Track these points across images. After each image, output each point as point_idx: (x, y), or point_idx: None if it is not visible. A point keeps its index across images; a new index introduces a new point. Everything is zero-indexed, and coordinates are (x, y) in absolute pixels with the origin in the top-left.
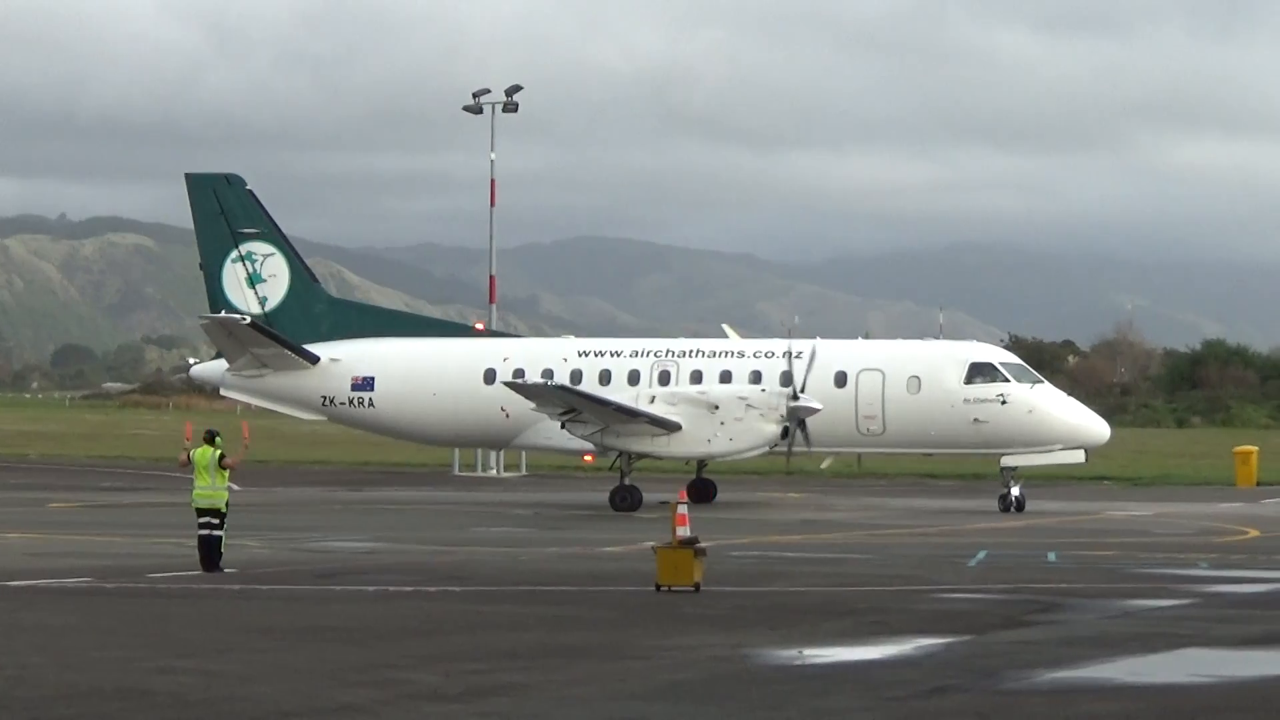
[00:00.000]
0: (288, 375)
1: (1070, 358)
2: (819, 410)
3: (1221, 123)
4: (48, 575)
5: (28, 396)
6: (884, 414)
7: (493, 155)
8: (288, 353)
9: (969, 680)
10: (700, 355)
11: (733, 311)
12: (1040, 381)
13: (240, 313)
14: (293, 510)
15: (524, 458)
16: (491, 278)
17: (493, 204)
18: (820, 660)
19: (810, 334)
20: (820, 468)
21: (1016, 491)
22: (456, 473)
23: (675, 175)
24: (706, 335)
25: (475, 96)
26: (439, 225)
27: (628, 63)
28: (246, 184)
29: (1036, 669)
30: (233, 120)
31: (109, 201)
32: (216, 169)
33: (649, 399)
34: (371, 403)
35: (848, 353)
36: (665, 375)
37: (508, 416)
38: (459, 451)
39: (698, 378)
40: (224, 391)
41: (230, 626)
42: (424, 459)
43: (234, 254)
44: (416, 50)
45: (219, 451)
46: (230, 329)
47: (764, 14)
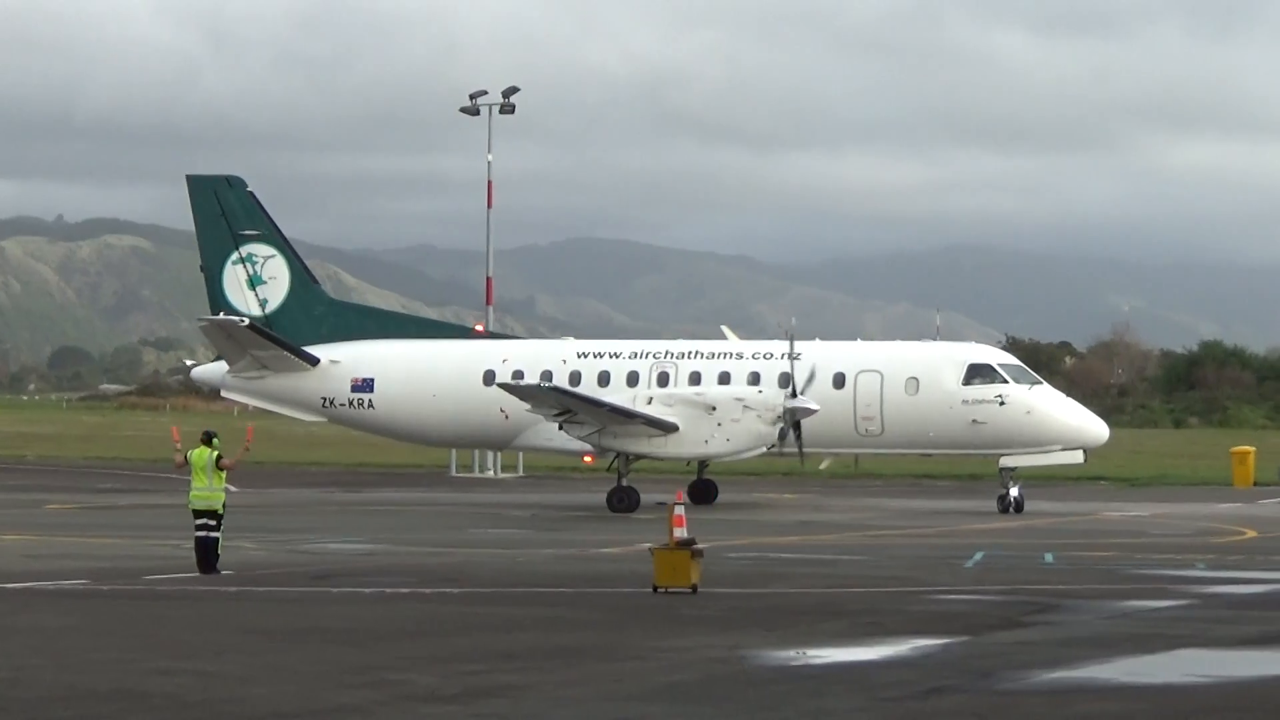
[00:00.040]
0: (288, 377)
1: (1067, 359)
2: (816, 411)
3: (1218, 124)
4: (45, 577)
5: (25, 398)
6: (882, 415)
7: (489, 157)
8: (288, 354)
9: (966, 681)
10: (699, 357)
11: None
12: (1039, 382)
13: (241, 314)
14: (289, 512)
15: (521, 459)
16: (488, 279)
17: (489, 205)
18: (817, 661)
19: (807, 335)
20: (820, 468)
21: (1015, 492)
22: (453, 474)
23: (672, 177)
24: (703, 337)
25: (472, 98)
26: (435, 227)
27: (624, 64)
28: (247, 186)
29: (1033, 670)
30: (229, 122)
31: (106, 203)
32: (213, 171)
33: (646, 400)
34: (371, 404)
35: (846, 354)
36: (664, 377)
37: (507, 418)
38: (455, 452)
39: (696, 379)
40: (225, 393)
41: (227, 628)
42: (420, 460)
43: (235, 256)
44: (413, 52)
45: (216, 453)
46: (229, 330)
47: (760, 15)
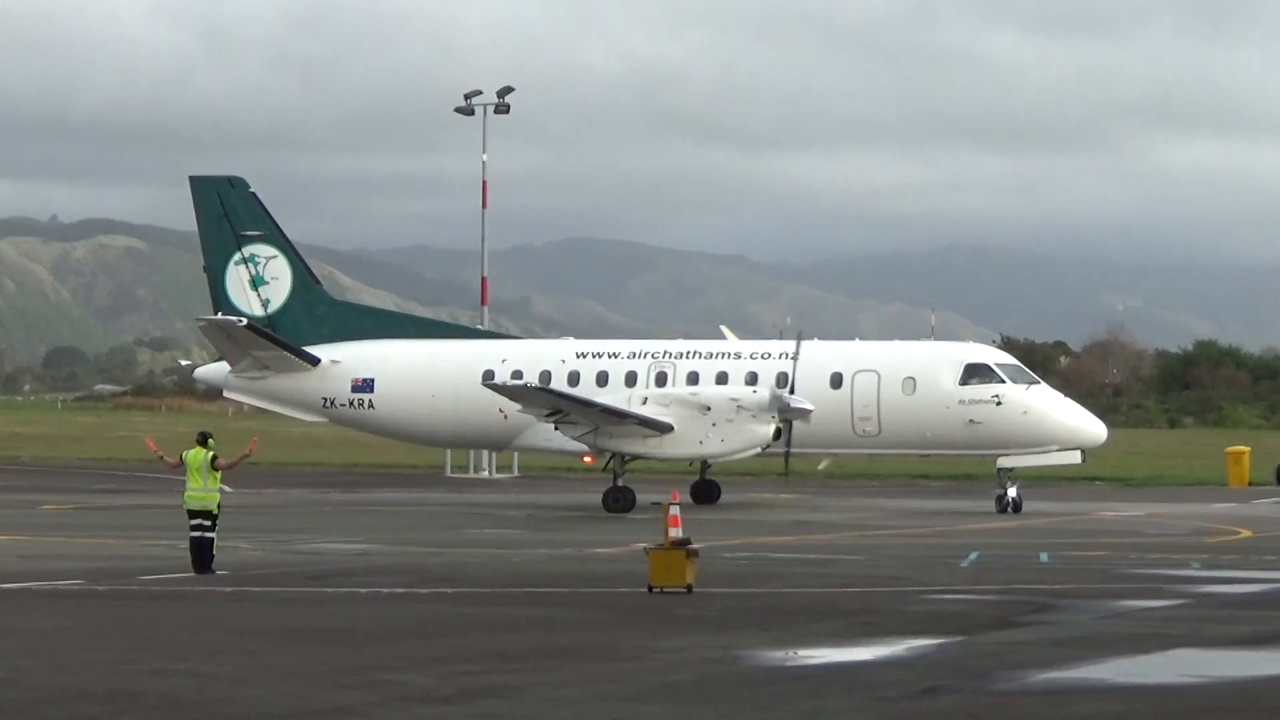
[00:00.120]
0: (289, 377)
1: (1062, 358)
2: (810, 410)
3: (1213, 124)
4: (39, 577)
5: (19, 399)
6: (879, 415)
7: (484, 157)
8: (288, 355)
9: (961, 681)
10: (697, 357)
11: (724, 313)
12: (1036, 382)
13: (243, 315)
14: (285, 512)
15: (516, 459)
16: (483, 279)
17: (484, 205)
18: (812, 661)
19: (803, 335)
20: (818, 469)
21: (1013, 493)
22: (448, 474)
23: (666, 177)
24: (699, 336)
25: (467, 98)
26: (430, 227)
27: (619, 64)
28: (249, 186)
29: (1028, 670)
30: (224, 122)
31: (100, 203)
32: (208, 171)
33: (641, 400)
34: (371, 404)
35: (843, 354)
36: (662, 377)
37: (505, 418)
38: (450, 453)
39: (694, 379)
40: (227, 393)
41: (222, 628)
42: (416, 460)
43: (237, 256)
44: (407, 52)
45: (212, 453)
46: (228, 330)
47: (754, 15)
